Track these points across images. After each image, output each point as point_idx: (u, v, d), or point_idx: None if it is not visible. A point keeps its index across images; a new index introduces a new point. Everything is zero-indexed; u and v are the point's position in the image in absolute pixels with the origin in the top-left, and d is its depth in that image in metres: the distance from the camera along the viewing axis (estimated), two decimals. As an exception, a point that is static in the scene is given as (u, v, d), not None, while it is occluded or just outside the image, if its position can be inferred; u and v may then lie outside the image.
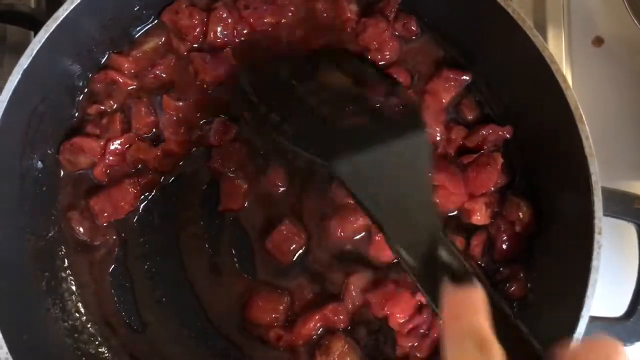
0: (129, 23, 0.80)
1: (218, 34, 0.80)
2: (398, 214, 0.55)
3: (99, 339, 0.78)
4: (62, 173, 0.79)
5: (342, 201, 0.78)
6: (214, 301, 0.78)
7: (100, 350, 0.77)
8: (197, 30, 0.80)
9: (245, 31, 0.81)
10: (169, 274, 0.79)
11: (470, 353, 0.41)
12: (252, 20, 0.81)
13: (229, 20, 0.80)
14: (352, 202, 0.77)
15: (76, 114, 0.79)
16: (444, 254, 0.51)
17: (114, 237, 0.79)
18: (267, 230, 0.78)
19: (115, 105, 0.79)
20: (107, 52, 0.80)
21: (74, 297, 0.78)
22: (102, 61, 0.80)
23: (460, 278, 0.46)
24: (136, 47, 0.81)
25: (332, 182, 0.78)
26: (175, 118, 0.79)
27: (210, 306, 0.78)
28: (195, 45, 0.81)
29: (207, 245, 0.79)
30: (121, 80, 0.79)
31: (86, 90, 0.80)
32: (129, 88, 0.80)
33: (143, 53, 0.81)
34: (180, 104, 0.79)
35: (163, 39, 0.81)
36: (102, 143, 0.78)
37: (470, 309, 0.44)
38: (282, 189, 0.79)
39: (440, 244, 0.51)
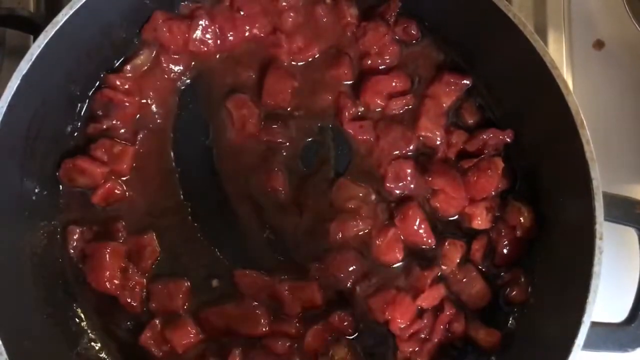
0: (127, 31, 0.80)
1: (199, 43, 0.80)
2: None
3: (99, 344, 0.78)
4: (61, 187, 0.79)
5: (341, 205, 0.78)
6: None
7: (100, 355, 0.77)
8: (180, 41, 0.80)
9: (230, 38, 0.81)
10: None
11: None
12: (246, 26, 0.81)
13: (212, 28, 0.80)
14: (352, 206, 0.78)
15: (77, 130, 0.79)
16: None
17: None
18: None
19: (113, 121, 0.79)
20: (105, 60, 0.80)
21: (74, 303, 0.78)
22: (99, 74, 0.80)
23: None
24: (128, 62, 0.80)
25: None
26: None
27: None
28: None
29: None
30: (121, 98, 0.79)
31: (85, 108, 0.79)
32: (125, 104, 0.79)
33: (135, 67, 0.80)
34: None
35: (154, 52, 0.81)
36: (106, 170, 0.77)
37: None
38: (282, 192, 0.80)
39: None
